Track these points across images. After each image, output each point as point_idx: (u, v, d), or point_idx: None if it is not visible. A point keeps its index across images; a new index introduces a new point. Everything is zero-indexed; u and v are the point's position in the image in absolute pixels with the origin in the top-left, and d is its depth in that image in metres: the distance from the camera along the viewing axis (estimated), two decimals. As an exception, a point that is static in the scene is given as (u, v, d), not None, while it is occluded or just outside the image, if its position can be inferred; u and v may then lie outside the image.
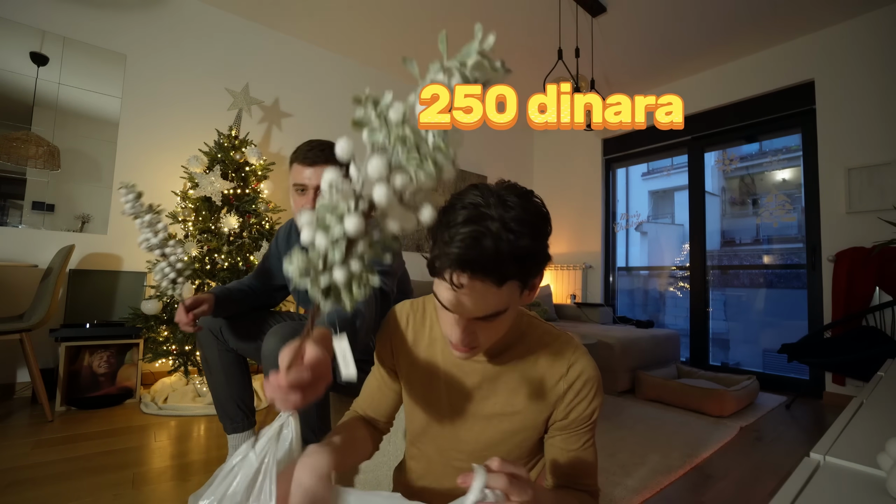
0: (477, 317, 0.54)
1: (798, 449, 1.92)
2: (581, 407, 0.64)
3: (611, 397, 2.71)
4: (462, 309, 0.54)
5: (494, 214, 0.51)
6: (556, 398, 0.65)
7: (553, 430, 0.67)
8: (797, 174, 3.37)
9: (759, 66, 3.29)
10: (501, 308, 0.54)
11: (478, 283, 0.51)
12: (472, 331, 0.56)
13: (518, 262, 0.51)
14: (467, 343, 0.57)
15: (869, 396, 0.84)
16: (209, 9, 2.97)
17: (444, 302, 0.55)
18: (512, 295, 0.54)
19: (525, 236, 0.51)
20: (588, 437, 0.66)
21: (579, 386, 0.64)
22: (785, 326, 3.53)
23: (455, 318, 0.56)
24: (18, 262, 2.26)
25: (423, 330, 0.72)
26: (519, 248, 0.50)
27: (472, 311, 0.54)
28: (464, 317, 0.55)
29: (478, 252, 0.49)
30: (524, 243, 0.51)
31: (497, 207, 0.51)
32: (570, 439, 0.65)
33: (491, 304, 0.53)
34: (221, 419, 1.34)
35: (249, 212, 2.47)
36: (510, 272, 0.51)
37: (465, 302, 0.53)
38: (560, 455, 0.66)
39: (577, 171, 4.61)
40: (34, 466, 1.47)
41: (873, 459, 0.50)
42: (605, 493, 1.43)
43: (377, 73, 3.80)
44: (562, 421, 0.65)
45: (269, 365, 1.05)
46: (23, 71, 2.38)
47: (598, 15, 2.90)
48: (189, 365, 2.23)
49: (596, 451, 0.67)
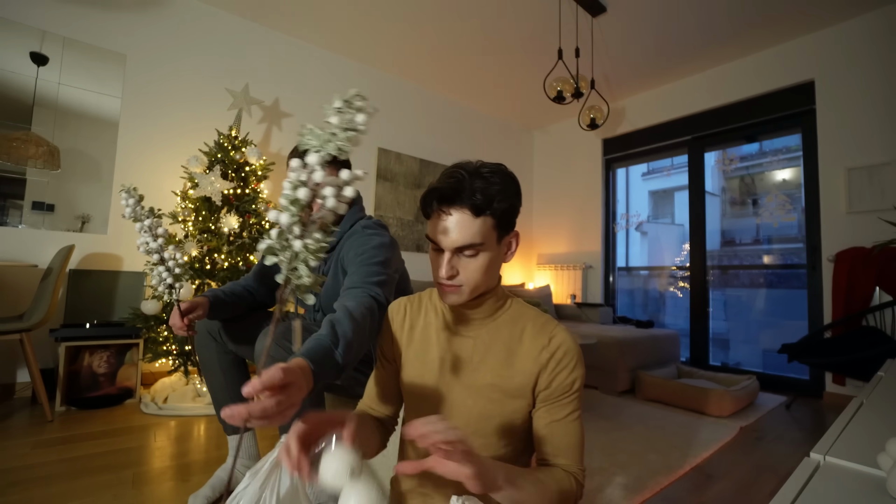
0: (459, 246, 0.64)
1: (798, 449, 1.92)
2: (562, 376, 0.69)
3: (611, 397, 2.71)
4: (446, 238, 0.65)
5: (471, 168, 0.66)
6: (540, 367, 0.70)
7: (539, 402, 0.71)
8: (797, 174, 3.37)
9: (759, 66, 3.29)
10: (478, 240, 0.64)
11: (458, 213, 0.64)
12: (454, 264, 0.66)
13: (488, 197, 0.63)
14: (450, 273, 0.66)
15: (869, 396, 0.84)
16: (209, 9, 2.97)
17: (432, 235, 0.66)
18: (488, 234, 0.65)
19: (496, 183, 0.64)
20: (572, 409, 0.70)
21: (560, 355, 0.70)
22: (785, 326, 3.52)
23: (442, 255, 0.66)
24: (18, 262, 2.26)
25: (419, 316, 0.80)
26: (490, 186, 0.64)
27: (454, 240, 0.64)
28: (449, 249, 0.65)
29: (456, 184, 0.63)
30: (495, 185, 0.64)
31: (473, 165, 0.67)
32: (553, 409, 0.70)
33: (469, 234, 0.64)
34: (221, 420, 1.34)
35: (249, 212, 2.47)
36: (483, 205, 0.63)
37: (449, 229, 0.64)
38: (545, 426, 0.70)
39: (577, 171, 4.61)
40: (34, 466, 1.47)
41: (873, 459, 0.50)
42: (606, 494, 1.43)
43: (377, 73, 3.80)
44: (545, 390, 0.70)
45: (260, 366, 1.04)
46: (23, 71, 2.38)
47: (598, 15, 2.90)
48: (189, 365, 2.24)
49: (582, 429, 0.71)
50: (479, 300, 0.73)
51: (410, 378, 0.77)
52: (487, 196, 0.63)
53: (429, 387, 0.75)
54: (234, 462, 0.68)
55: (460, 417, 0.73)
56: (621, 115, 4.20)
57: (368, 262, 1.09)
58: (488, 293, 0.73)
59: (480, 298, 0.73)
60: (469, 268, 0.67)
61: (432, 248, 0.69)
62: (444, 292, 0.69)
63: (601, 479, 1.53)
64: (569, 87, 2.80)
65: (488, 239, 0.66)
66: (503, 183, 0.66)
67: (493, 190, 0.64)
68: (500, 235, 0.68)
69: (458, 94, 4.24)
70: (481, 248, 0.66)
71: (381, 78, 3.83)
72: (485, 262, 0.67)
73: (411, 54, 3.53)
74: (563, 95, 2.82)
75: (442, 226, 0.65)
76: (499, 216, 0.65)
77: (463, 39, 3.27)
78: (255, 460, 1.36)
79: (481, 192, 0.63)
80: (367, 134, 3.02)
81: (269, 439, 1.79)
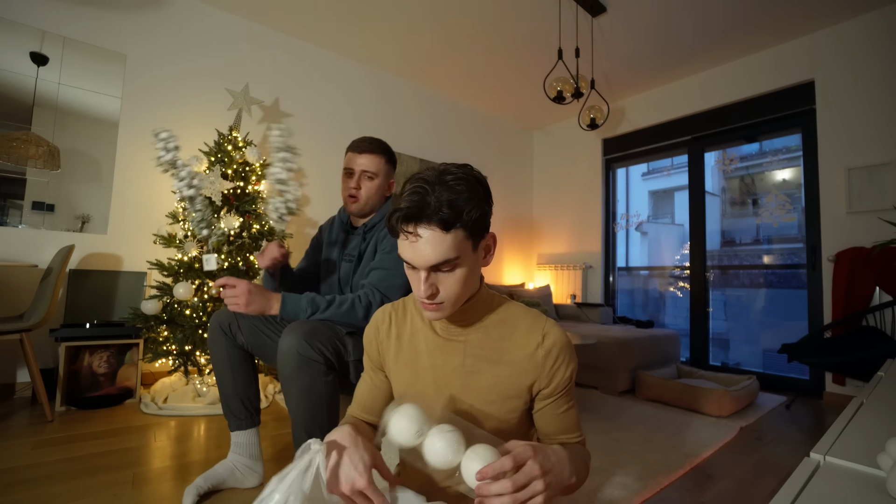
0: (433, 264, 0.62)
1: (798, 449, 1.92)
2: (561, 373, 0.71)
3: (611, 397, 2.71)
4: (420, 258, 0.62)
5: (433, 178, 0.62)
6: (536, 365, 0.70)
7: (540, 400, 0.73)
8: (797, 174, 3.37)
9: (760, 66, 3.30)
10: (453, 255, 0.62)
11: (426, 231, 0.60)
12: (432, 282, 0.64)
13: (457, 209, 0.60)
14: (429, 292, 0.63)
15: (869, 396, 0.84)
16: (209, 9, 2.97)
17: (406, 257, 0.63)
18: (462, 246, 0.62)
19: (462, 192, 0.61)
20: (570, 398, 0.74)
21: (556, 353, 0.70)
22: (785, 326, 3.52)
23: (418, 273, 0.64)
24: (18, 262, 2.26)
25: (404, 323, 0.79)
26: (457, 197, 0.60)
27: (428, 259, 0.61)
28: (423, 268, 0.62)
29: (420, 201, 0.60)
30: (462, 194, 0.61)
31: (436, 173, 0.63)
32: (556, 404, 0.73)
33: (442, 250, 0.61)
34: (226, 415, 1.35)
35: (249, 212, 2.47)
36: (452, 218, 0.60)
37: (421, 250, 0.61)
38: (552, 420, 0.73)
39: (577, 171, 4.61)
40: (34, 466, 1.47)
41: (873, 459, 0.50)
42: (606, 493, 1.43)
43: (377, 73, 3.80)
44: (546, 389, 0.71)
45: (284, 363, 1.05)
46: (23, 71, 2.38)
47: (598, 15, 2.90)
48: (189, 365, 2.23)
49: (576, 406, 0.76)
50: (463, 308, 0.71)
51: (402, 387, 0.77)
52: (455, 208, 0.60)
53: (421, 395, 0.74)
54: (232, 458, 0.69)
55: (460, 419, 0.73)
56: (621, 115, 4.20)
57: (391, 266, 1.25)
58: (471, 299, 0.72)
59: (464, 306, 0.71)
60: (447, 283, 0.64)
61: (408, 267, 0.66)
62: (426, 310, 0.67)
63: (601, 479, 1.53)
64: (569, 87, 2.80)
65: (463, 251, 0.63)
66: (470, 190, 0.62)
67: (460, 200, 0.60)
68: (475, 243, 0.65)
69: (458, 94, 4.24)
70: (457, 263, 0.63)
71: (381, 78, 3.83)
72: (463, 275, 0.65)
73: (411, 54, 3.53)
74: (563, 95, 2.82)
75: (412, 246, 0.61)
76: (470, 227, 0.62)
77: (463, 39, 3.27)
78: (256, 459, 1.37)
79: (448, 205, 0.59)
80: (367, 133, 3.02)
81: (269, 439, 1.79)
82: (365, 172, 1.34)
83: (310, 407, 1.08)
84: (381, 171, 1.37)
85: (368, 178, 1.35)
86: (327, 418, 1.12)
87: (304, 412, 1.09)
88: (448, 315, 0.69)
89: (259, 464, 1.38)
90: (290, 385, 1.06)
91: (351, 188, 1.34)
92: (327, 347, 1.08)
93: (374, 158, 1.35)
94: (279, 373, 1.08)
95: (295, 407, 1.09)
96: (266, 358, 1.33)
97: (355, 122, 3.65)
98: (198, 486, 1.25)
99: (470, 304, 0.71)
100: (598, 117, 3.17)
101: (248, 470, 1.35)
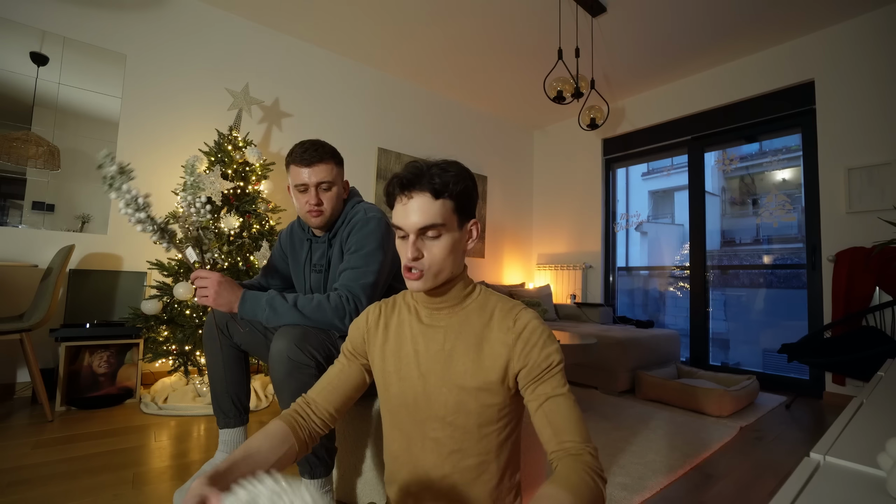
0: (422, 226, 0.69)
1: (798, 449, 1.92)
2: (535, 353, 0.70)
3: (611, 397, 2.71)
4: (409, 220, 0.69)
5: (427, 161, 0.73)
6: (508, 348, 0.72)
7: (523, 384, 0.72)
8: (797, 174, 3.37)
9: (759, 66, 3.30)
10: (439, 221, 0.69)
11: (419, 196, 0.69)
12: (418, 246, 0.70)
13: (445, 182, 0.69)
14: (414, 254, 0.70)
15: (869, 396, 0.84)
16: (209, 9, 2.97)
17: (398, 222, 0.71)
18: (448, 216, 0.71)
19: (451, 172, 0.71)
20: (558, 382, 0.70)
21: (527, 335, 0.71)
22: (785, 326, 3.52)
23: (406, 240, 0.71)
24: (18, 262, 2.26)
25: (392, 314, 0.83)
26: (445, 173, 0.70)
27: (416, 222, 0.69)
28: (412, 230, 0.69)
29: (416, 170, 0.70)
30: (450, 172, 0.70)
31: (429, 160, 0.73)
32: (539, 386, 0.70)
33: (430, 214, 0.69)
34: (215, 412, 1.36)
35: (249, 212, 2.47)
36: (441, 188, 0.69)
37: (411, 213, 0.69)
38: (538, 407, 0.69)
39: (577, 171, 4.61)
40: (34, 466, 1.47)
41: (873, 459, 0.50)
42: (606, 493, 1.43)
43: (377, 73, 3.80)
44: (524, 369, 0.71)
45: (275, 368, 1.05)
46: (23, 71, 2.38)
47: (598, 15, 2.90)
48: (189, 365, 2.23)
49: (575, 403, 0.70)
50: (445, 287, 0.75)
51: (387, 373, 0.79)
52: (444, 181, 0.70)
53: (405, 380, 0.77)
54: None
55: (439, 409, 0.74)
56: (621, 115, 4.20)
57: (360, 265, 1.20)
58: (454, 279, 0.76)
59: (447, 285, 0.76)
60: (432, 250, 0.71)
61: (399, 238, 0.73)
62: (409, 279, 0.72)
63: (601, 479, 1.53)
64: (569, 87, 2.80)
65: (449, 221, 0.71)
66: (458, 172, 0.72)
67: (448, 176, 0.70)
68: (460, 220, 0.73)
69: (458, 94, 4.24)
70: (443, 230, 0.70)
71: (381, 77, 3.83)
72: (447, 245, 0.71)
73: (411, 54, 3.53)
74: (563, 95, 2.82)
75: (405, 209, 0.70)
76: (456, 198, 0.71)
77: (463, 39, 3.27)
78: None
79: (439, 177, 0.69)
80: (367, 133, 3.03)
81: (269, 439, 1.79)
82: (321, 185, 1.25)
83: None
84: (336, 177, 1.29)
85: (325, 190, 1.26)
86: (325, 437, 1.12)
87: None
88: (430, 287, 0.72)
89: None
90: (282, 390, 1.06)
91: (311, 205, 1.24)
92: (319, 352, 1.07)
93: (325, 168, 1.25)
94: (271, 377, 1.07)
95: None
96: (262, 356, 1.33)
97: (355, 122, 3.65)
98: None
99: (452, 283, 0.76)
100: (598, 117, 3.17)
101: None
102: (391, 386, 0.78)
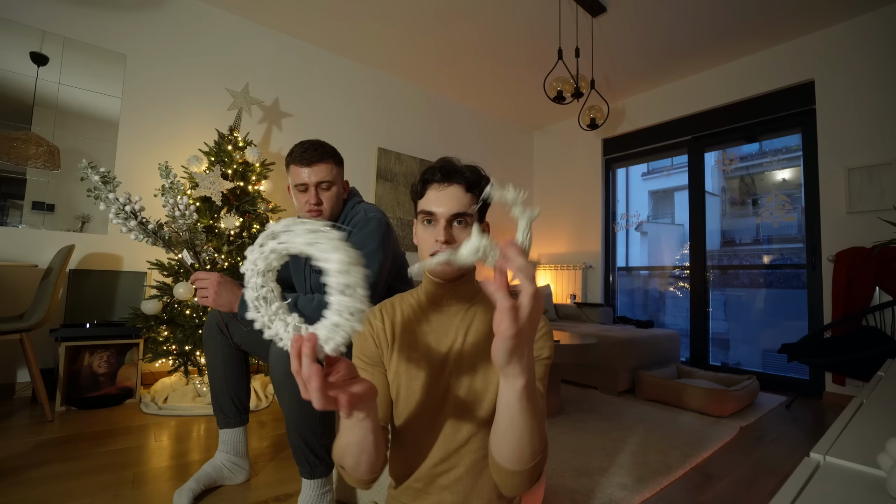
0: (455, 212, 0.73)
1: (798, 449, 1.92)
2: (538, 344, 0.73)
3: (611, 397, 2.71)
4: (442, 207, 0.73)
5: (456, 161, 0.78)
6: None
7: None
8: (797, 174, 3.37)
9: (759, 66, 3.30)
10: (470, 212, 0.75)
11: (453, 186, 0.74)
12: (450, 231, 0.74)
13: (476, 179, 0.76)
14: (447, 237, 0.73)
15: (869, 396, 0.84)
16: (209, 9, 2.97)
17: (429, 206, 0.74)
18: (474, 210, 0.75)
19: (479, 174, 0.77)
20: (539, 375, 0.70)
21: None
22: (785, 326, 3.52)
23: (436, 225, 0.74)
24: (18, 262, 2.26)
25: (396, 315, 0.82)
26: (474, 172, 0.77)
27: (451, 208, 0.73)
28: (444, 217, 0.73)
29: (451, 165, 0.76)
30: (479, 174, 0.77)
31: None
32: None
33: (463, 203, 0.74)
34: (215, 412, 1.36)
35: (249, 212, 2.47)
36: (473, 183, 0.75)
37: (446, 200, 0.74)
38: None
39: (577, 171, 4.61)
40: (34, 466, 1.47)
41: (873, 459, 0.50)
42: (606, 493, 1.43)
43: (377, 73, 3.80)
44: None
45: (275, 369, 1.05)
46: (23, 71, 2.38)
47: (598, 15, 2.90)
48: (189, 365, 2.23)
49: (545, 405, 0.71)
50: (461, 280, 0.78)
51: (401, 371, 0.78)
52: (476, 178, 0.76)
53: (421, 376, 0.76)
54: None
55: (457, 400, 0.74)
56: (621, 115, 4.20)
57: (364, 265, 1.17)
58: (469, 273, 0.80)
59: (464, 279, 0.78)
60: (461, 238, 0.74)
61: (423, 224, 0.76)
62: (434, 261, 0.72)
63: (601, 479, 1.53)
64: (569, 87, 2.80)
65: (474, 215, 0.76)
66: (484, 176, 0.79)
67: (478, 175, 0.77)
68: (480, 216, 0.78)
69: (458, 94, 4.24)
70: (470, 220, 0.75)
71: (381, 78, 3.83)
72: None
73: (411, 54, 3.53)
74: (563, 95, 2.82)
75: (441, 194, 0.74)
76: (480, 197, 0.76)
77: (463, 39, 3.26)
78: (242, 457, 1.39)
79: (471, 173, 0.76)
80: (367, 133, 3.03)
81: (269, 439, 1.79)
82: (320, 184, 1.25)
83: (302, 412, 1.08)
84: (336, 177, 1.29)
85: (325, 189, 1.26)
86: (321, 423, 1.12)
87: (296, 417, 1.09)
88: (455, 275, 0.76)
89: (246, 461, 1.39)
90: (281, 390, 1.06)
91: (311, 204, 1.25)
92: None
93: (325, 167, 1.26)
94: (271, 378, 1.08)
95: (288, 412, 1.10)
96: (262, 356, 1.33)
97: (355, 123, 3.65)
98: (191, 489, 1.25)
99: (467, 278, 0.80)
100: (598, 117, 3.17)
101: (235, 467, 1.36)
102: (402, 386, 0.78)
